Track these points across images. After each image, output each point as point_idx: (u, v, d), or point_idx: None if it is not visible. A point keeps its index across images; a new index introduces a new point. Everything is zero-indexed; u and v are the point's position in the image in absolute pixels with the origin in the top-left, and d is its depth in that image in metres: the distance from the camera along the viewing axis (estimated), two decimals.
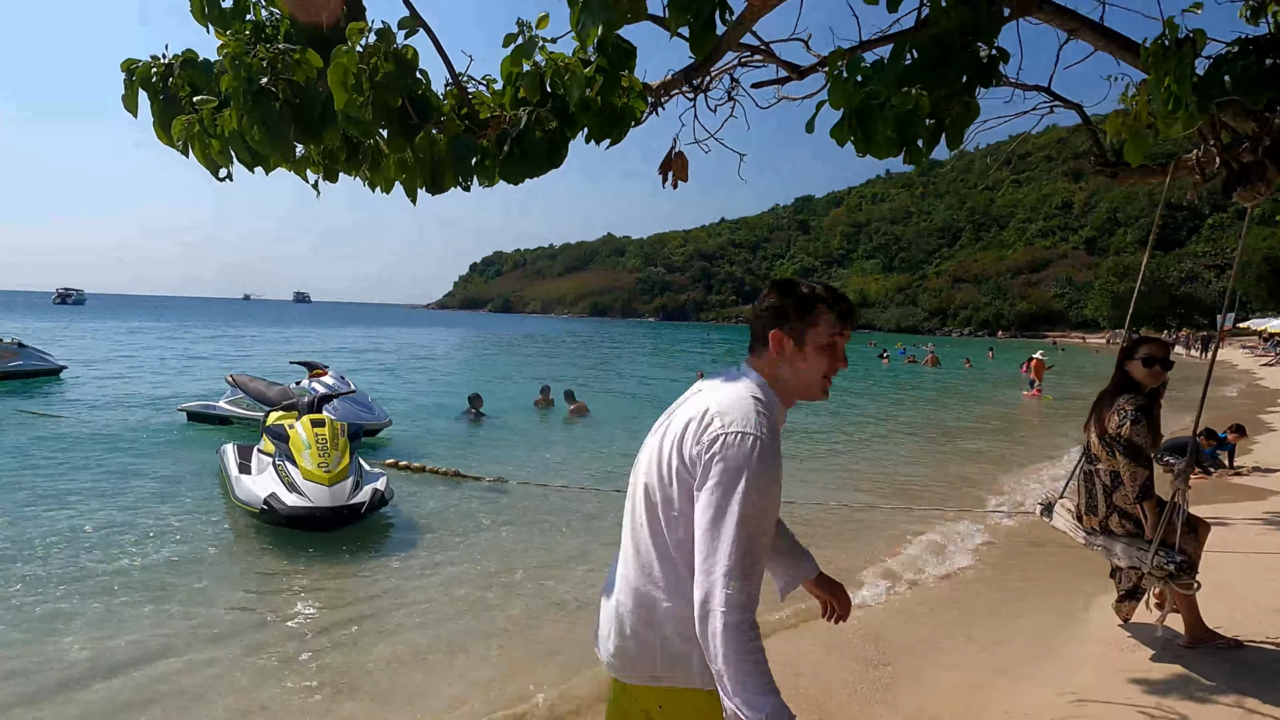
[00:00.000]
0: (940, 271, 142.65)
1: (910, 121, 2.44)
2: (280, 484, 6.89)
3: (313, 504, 6.63)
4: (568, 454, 11.67)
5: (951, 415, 18.18)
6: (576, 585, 6.06)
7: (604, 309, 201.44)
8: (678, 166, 3.10)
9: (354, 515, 6.79)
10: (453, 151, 2.72)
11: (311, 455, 7.02)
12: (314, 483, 6.80)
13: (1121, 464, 4.13)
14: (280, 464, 7.16)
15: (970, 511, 8.49)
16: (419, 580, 6.06)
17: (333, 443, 7.22)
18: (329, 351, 34.57)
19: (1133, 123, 4.43)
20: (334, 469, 6.95)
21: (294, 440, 7.23)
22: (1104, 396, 4.40)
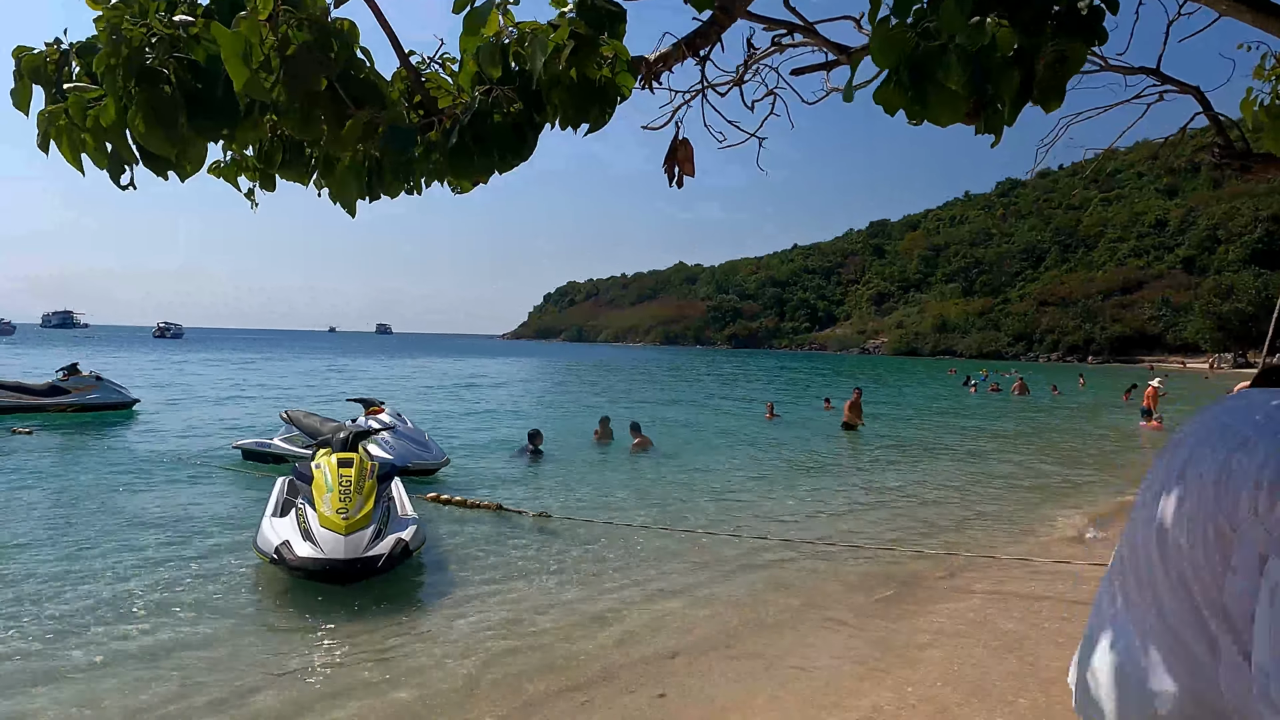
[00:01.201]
0: (1024, 295, 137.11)
1: (986, 67, 1.76)
2: (297, 530, 6.44)
3: (324, 555, 6.13)
4: (625, 490, 11.03)
5: (1061, 452, 16.79)
6: (601, 647, 5.39)
7: (675, 337, 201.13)
8: (683, 158, 2.46)
9: (370, 569, 6.23)
10: (389, 143, 2.14)
11: (332, 499, 6.55)
12: (330, 530, 6.32)
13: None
14: (301, 508, 6.73)
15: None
16: (424, 640, 5.49)
17: (357, 485, 6.73)
18: (394, 380, 35.03)
19: (1274, 102, 3.59)
20: (354, 515, 6.45)
21: (317, 482, 6.79)
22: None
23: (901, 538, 8.54)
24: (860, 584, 6.89)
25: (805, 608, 6.28)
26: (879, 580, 7.00)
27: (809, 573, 7.23)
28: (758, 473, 12.76)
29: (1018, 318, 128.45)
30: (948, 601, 6.41)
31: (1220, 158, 4.21)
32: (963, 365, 78.47)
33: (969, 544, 8.34)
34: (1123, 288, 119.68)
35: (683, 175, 2.51)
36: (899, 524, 9.30)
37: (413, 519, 7.21)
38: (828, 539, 8.32)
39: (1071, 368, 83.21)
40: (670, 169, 2.49)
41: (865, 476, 12.67)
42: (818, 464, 13.85)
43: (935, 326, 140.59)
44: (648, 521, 9.00)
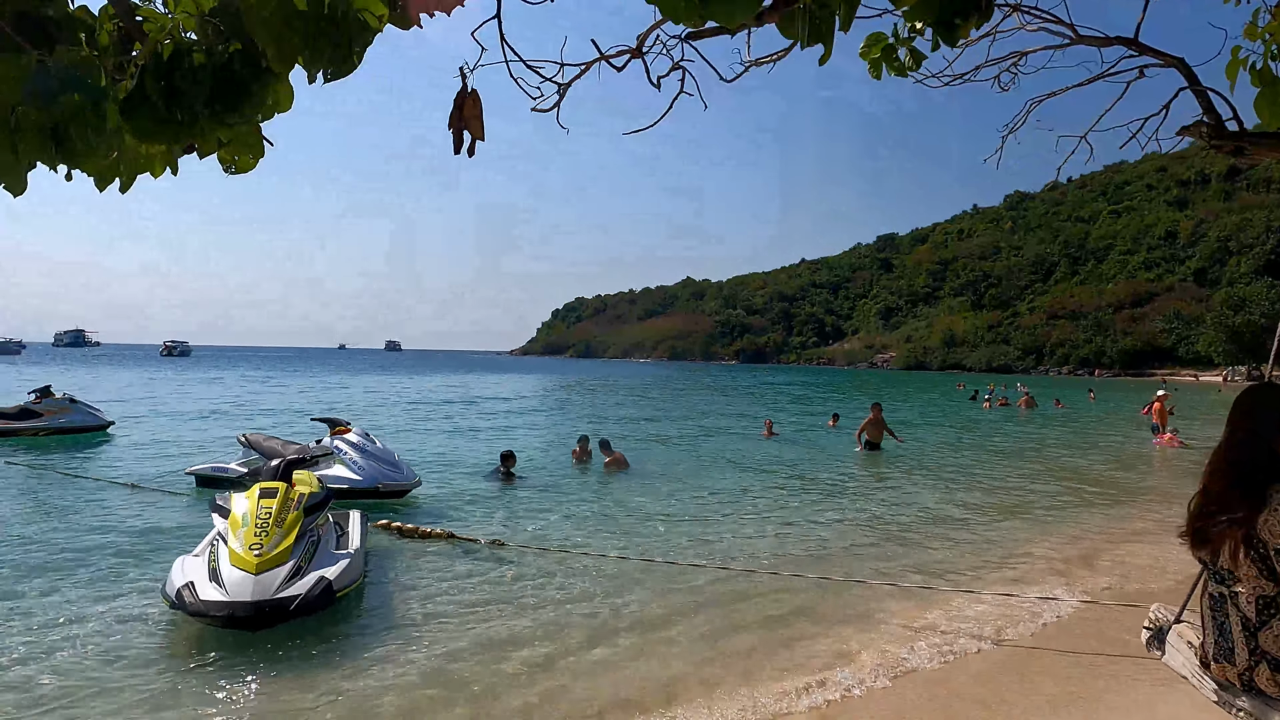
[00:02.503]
0: (1034, 308, 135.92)
1: None
2: (205, 570, 5.82)
3: (228, 599, 5.48)
4: (593, 512, 10.39)
5: (1073, 475, 16.06)
6: (527, 704, 4.76)
7: (683, 352, 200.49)
8: (470, 116, 1.88)
9: (279, 614, 5.56)
10: (29, 91, 1.57)
11: (247, 534, 5.93)
12: (239, 570, 5.68)
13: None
14: (215, 544, 6.13)
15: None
16: (338, 694, 4.86)
17: (278, 518, 6.12)
18: (385, 397, 34.52)
19: (1266, 65, 2.99)
20: (268, 552, 5.82)
21: (233, 515, 6.19)
22: (1236, 478, 2.81)
23: (880, 569, 7.87)
24: (824, 620, 6.23)
25: (759, 652, 5.63)
26: (845, 618, 6.34)
27: (773, 608, 6.58)
28: (741, 495, 12.08)
29: (1027, 331, 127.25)
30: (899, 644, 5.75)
31: (1210, 139, 3.59)
32: (972, 379, 77.55)
33: (949, 576, 7.66)
34: (1133, 300, 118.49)
35: (474, 140, 1.92)
36: (885, 552, 8.62)
37: (346, 554, 6.56)
38: (799, 569, 7.66)
39: (1082, 381, 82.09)
40: (458, 130, 1.91)
41: (855, 501, 11.98)
42: (808, 486, 13.15)
43: (944, 340, 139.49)
44: (610, 549, 8.35)
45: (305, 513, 6.33)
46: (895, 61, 2.29)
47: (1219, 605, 2.86)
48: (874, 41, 2.34)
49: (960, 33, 2.15)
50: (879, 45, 2.31)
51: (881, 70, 2.32)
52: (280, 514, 6.19)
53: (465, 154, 2.01)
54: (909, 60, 2.28)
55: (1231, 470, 2.78)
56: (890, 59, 2.30)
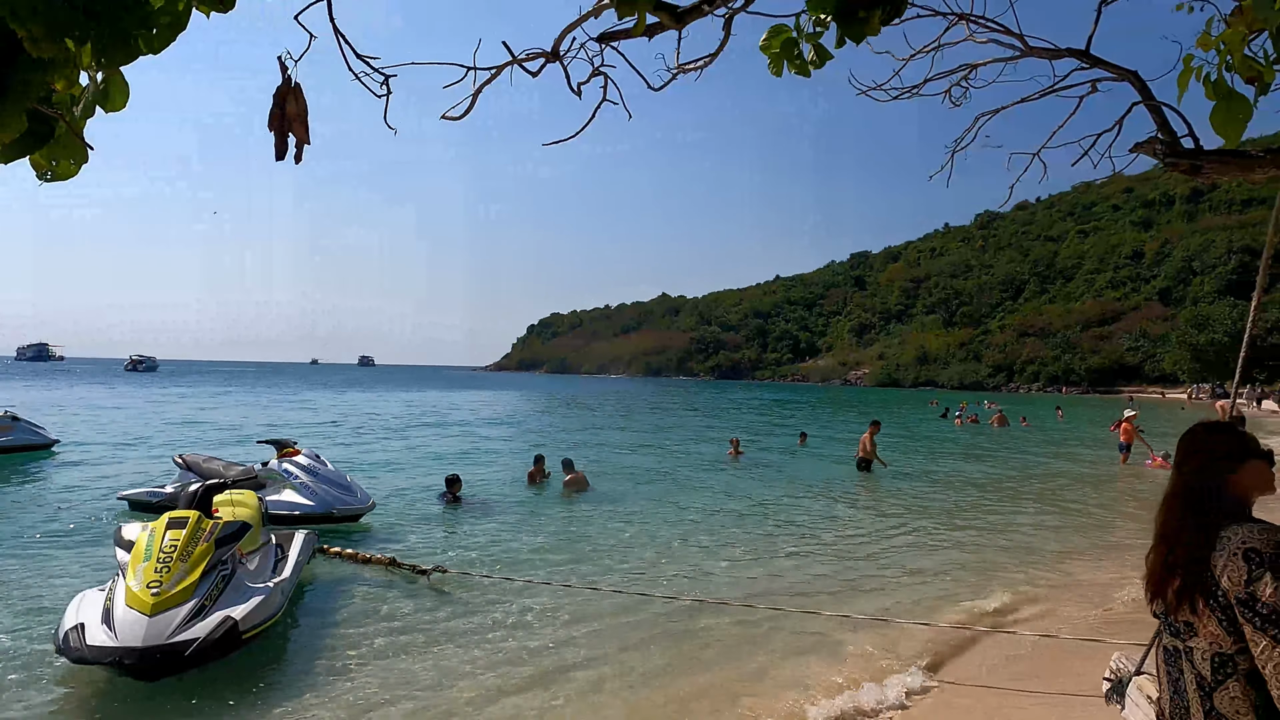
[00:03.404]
0: (1004, 326, 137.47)
1: None
2: (99, 610, 5.36)
3: (116, 644, 5.01)
4: (544, 538, 10.01)
5: (1046, 500, 15.93)
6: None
7: (658, 369, 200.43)
8: (293, 115, 1.57)
9: (174, 660, 5.07)
10: None
11: (146, 570, 5.47)
12: (133, 610, 5.21)
13: (1258, 644, 2.30)
14: (113, 582, 5.68)
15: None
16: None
17: (183, 552, 5.67)
18: (346, 415, 33.79)
19: (1221, 77, 2.76)
20: (168, 590, 5.37)
21: (136, 548, 5.74)
22: (1188, 526, 2.58)
23: (843, 598, 7.58)
24: (785, 653, 5.91)
25: (717, 691, 5.29)
26: (805, 650, 6.02)
27: (731, 640, 6.25)
28: (702, 520, 11.75)
29: (998, 349, 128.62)
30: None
31: (1165, 156, 3.37)
32: (944, 396, 78.03)
33: (902, 610, 7.39)
34: (1101, 319, 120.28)
35: (300, 145, 1.61)
36: (849, 582, 8.34)
37: (263, 588, 6.11)
38: (761, 599, 7.34)
39: (1051, 398, 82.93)
40: (280, 133, 1.59)
41: (819, 526, 11.71)
42: (771, 510, 12.85)
43: (916, 358, 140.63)
44: (558, 576, 7.99)
45: (217, 544, 5.88)
46: (797, 58, 2.02)
47: (1173, 660, 2.63)
48: (774, 34, 2.06)
49: (867, 29, 1.88)
50: (780, 38, 2.04)
51: (781, 67, 2.05)
52: (187, 547, 5.74)
53: (292, 160, 1.70)
54: (813, 57, 2.00)
55: (1183, 513, 2.59)
56: (791, 54, 2.02)
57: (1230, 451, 2.57)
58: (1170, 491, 2.68)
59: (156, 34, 1.47)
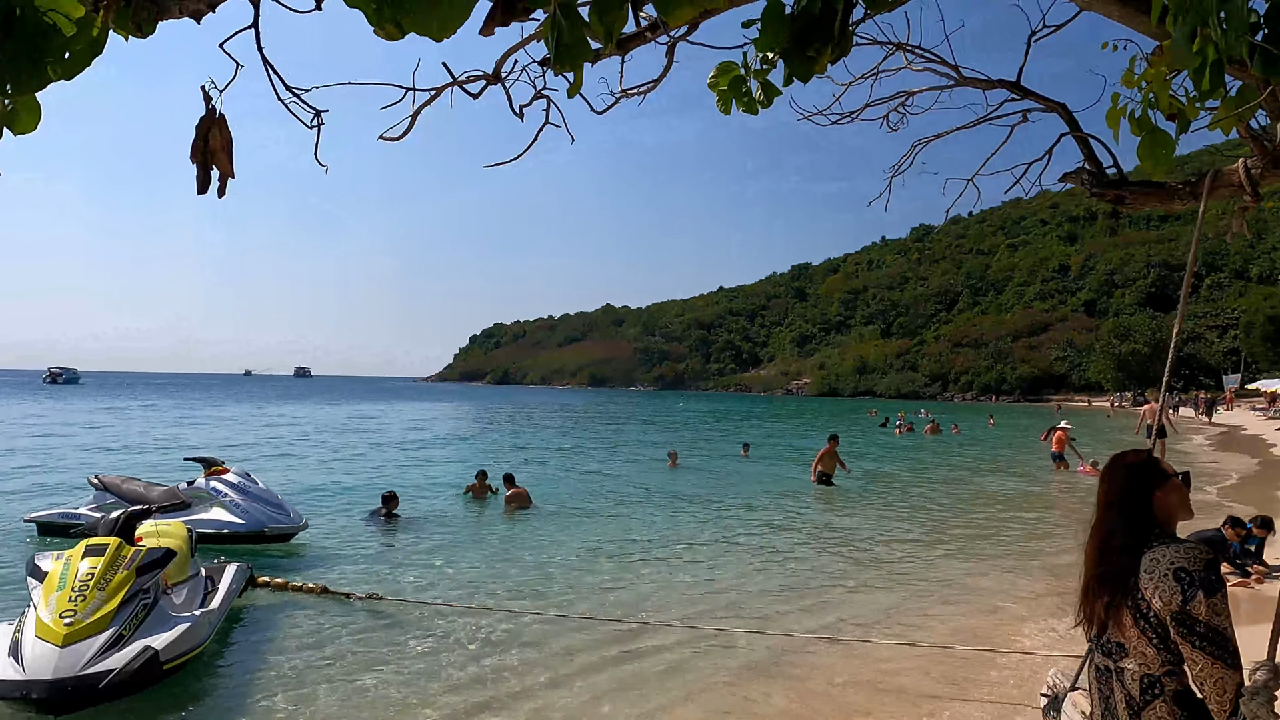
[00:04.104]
0: (939, 336, 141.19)
1: None
2: (7, 642, 5.05)
3: (23, 678, 4.74)
4: (484, 558, 9.83)
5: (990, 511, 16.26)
6: None
7: (603, 379, 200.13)
8: (217, 147, 1.48)
9: (86, 693, 4.80)
10: None
11: (60, 599, 5.18)
12: (44, 641, 4.93)
13: (1198, 663, 2.35)
14: (25, 613, 5.36)
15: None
16: None
17: (100, 580, 5.38)
18: (276, 429, 32.81)
19: (1145, 113, 2.85)
20: (81, 620, 5.08)
21: (50, 577, 5.43)
22: (1114, 550, 2.65)
23: (786, 616, 7.61)
24: (730, 674, 5.89)
25: (662, 716, 5.23)
26: (752, 670, 6.01)
27: (675, 662, 6.20)
28: (645, 535, 11.70)
29: (933, 359, 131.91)
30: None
31: (1091, 186, 3.48)
32: (883, 405, 79.68)
33: (847, 627, 7.46)
34: (1030, 330, 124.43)
35: (224, 179, 1.52)
36: (793, 597, 8.37)
37: (188, 617, 5.83)
38: (694, 619, 7.31)
39: (984, 407, 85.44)
40: (202, 165, 1.50)
41: (761, 538, 11.77)
42: (712, 523, 12.87)
43: (856, 368, 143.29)
44: (499, 599, 7.85)
45: (139, 572, 5.60)
46: (745, 96, 2.00)
47: (1105, 679, 2.71)
48: (723, 71, 2.05)
49: (816, 67, 1.88)
50: (728, 76, 2.02)
51: (730, 105, 2.03)
52: (105, 574, 5.45)
53: (215, 193, 1.61)
54: (760, 95, 1.99)
55: (1109, 537, 2.68)
56: (739, 92, 2.01)
57: (1151, 475, 2.66)
58: (1097, 517, 2.76)
59: (70, 59, 1.38)
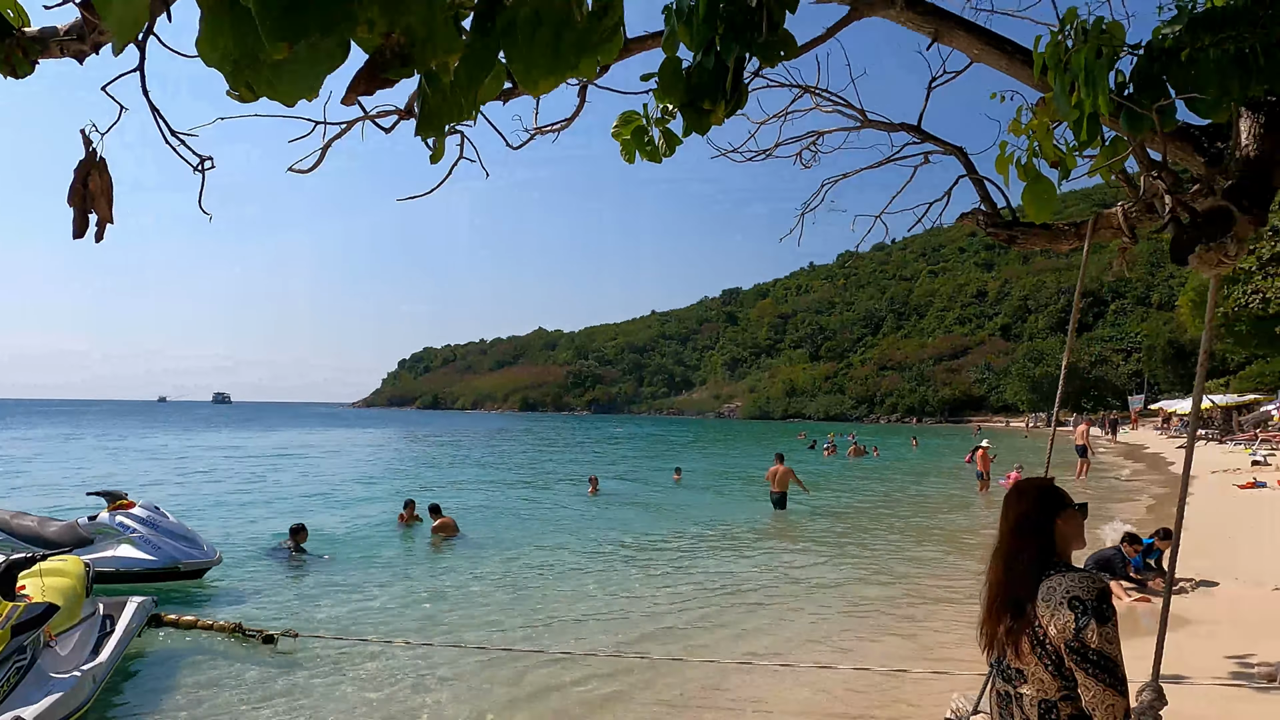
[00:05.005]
0: (865, 359, 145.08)
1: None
2: None
3: None
4: (405, 590, 9.60)
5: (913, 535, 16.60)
6: None
7: (535, 403, 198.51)
8: (98, 191, 1.44)
9: None
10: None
11: None
12: None
13: (1089, 688, 2.46)
14: None
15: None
16: None
17: None
18: (190, 458, 31.47)
19: (1030, 161, 3.03)
20: None
21: None
22: (1016, 576, 2.76)
23: (710, 643, 7.64)
24: (660, 704, 5.87)
25: None
26: (680, 699, 6.01)
27: (601, 695, 6.15)
28: (569, 563, 11.62)
29: (859, 381, 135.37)
30: None
31: (986, 226, 3.67)
32: (812, 428, 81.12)
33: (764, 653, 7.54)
34: (951, 353, 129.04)
35: (101, 223, 1.48)
36: (710, 622, 8.41)
37: (69, 677, 5.42)
38: (618, 648, 7.28)
39: (909, 428, 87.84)
40: (80, 209, 1.46)
41: (684, 565, 11.82)
42: (635, 550, 12.87)
43: (785, 390, 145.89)
44: (419, 632, 7.67)
45: (14, 632, 5.21)
46: (648, 144, 2.06)
47: (1005, 704, 2.79)
48: (625, 122, 2.10)
49: (712, 119, 1.94)
50: (630, 126, 2.08)
51: (634, 153, 2.09)
52: None
53: (93, 238, 1.56)
54: (663, 145, 2.05)
55: (1010, 563, 2.77)
56: (641, 141, 2.06)
57: (1051, 504, 2.78)
58: (998, 543, 2.87)
59: None
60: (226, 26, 0.81)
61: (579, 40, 0.84)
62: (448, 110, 0.91)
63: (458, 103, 0.89)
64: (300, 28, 0.75)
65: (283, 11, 0.74)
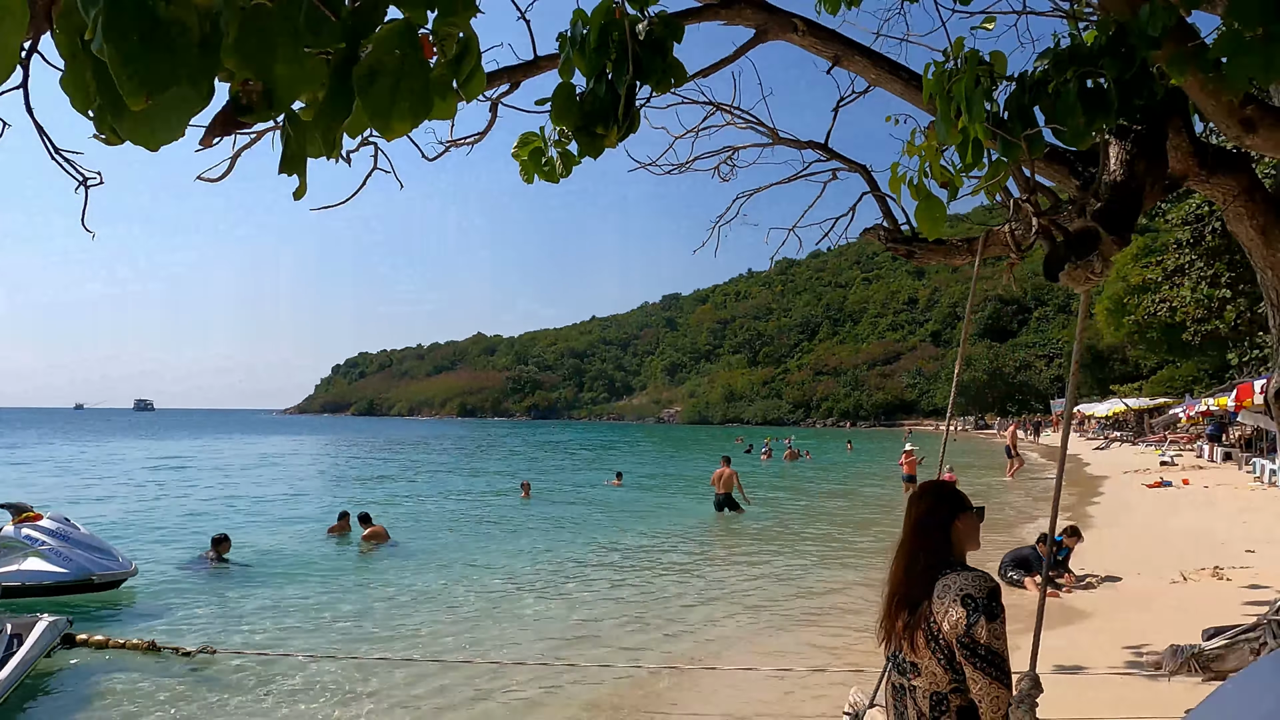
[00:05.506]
0: (802, 365, 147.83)
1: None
2: None
3: None
4: (330, 601, 9.43)
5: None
6: None
7: (474, 409, 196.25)
8: None
9: None
10: None
11: None
12: None
13: (977, 682, 2.61)
14: None
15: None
16: None
17: None
18: (98, 467, 30.23)
19: (921, 181, 3.20)
20: None
21: None
22: (914, 575, 2.91)
23: (637, 652, 7.72)
24: (590, 711, 5.92)
25: None
26: (615, 706, 6.07)
27: (532, 702, 6.17)
28: (499, 570, 11.56)
29: (796, 386, 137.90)
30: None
31: (886, 241, 3.86)
32: (750, 432, 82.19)
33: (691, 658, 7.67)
34: (884, 359, 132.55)
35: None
36: (637, 626, 8.50)
37: None
38: (547, 656, 7.31)
39: (843, 432, 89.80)
40: None
41: (612, 566, 11.90)
42: (567, 558, 12.89)
43: (724, 395, 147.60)
44: (345, 644, 7.56)
45: None
46: (546, 165, 2.14)
47: (900, 696, 2.92)
48: (523, 143, 2.18)
49: (605, 142, 2.03)
50: (528, 148, 2.15)
51: (532, 174, 2.16)
52: None
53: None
54: (560, 166, 2.14)
55: (910, 561, 2.90)
56: (539, 162, 2.14)
57: (950, 506, 2.94)
58: (901, 541, 3.02)
59: None
60: (88, 74, 0.85)
61: (422, 90, 0.91)
62: (310, 149, 0.97)
63: (319, 143, 0.95)
64: (157, 80, 0.79)
65: (139, 65, 0.78)
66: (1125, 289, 37.20)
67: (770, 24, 3.28)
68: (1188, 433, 35.55)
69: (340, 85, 0.90)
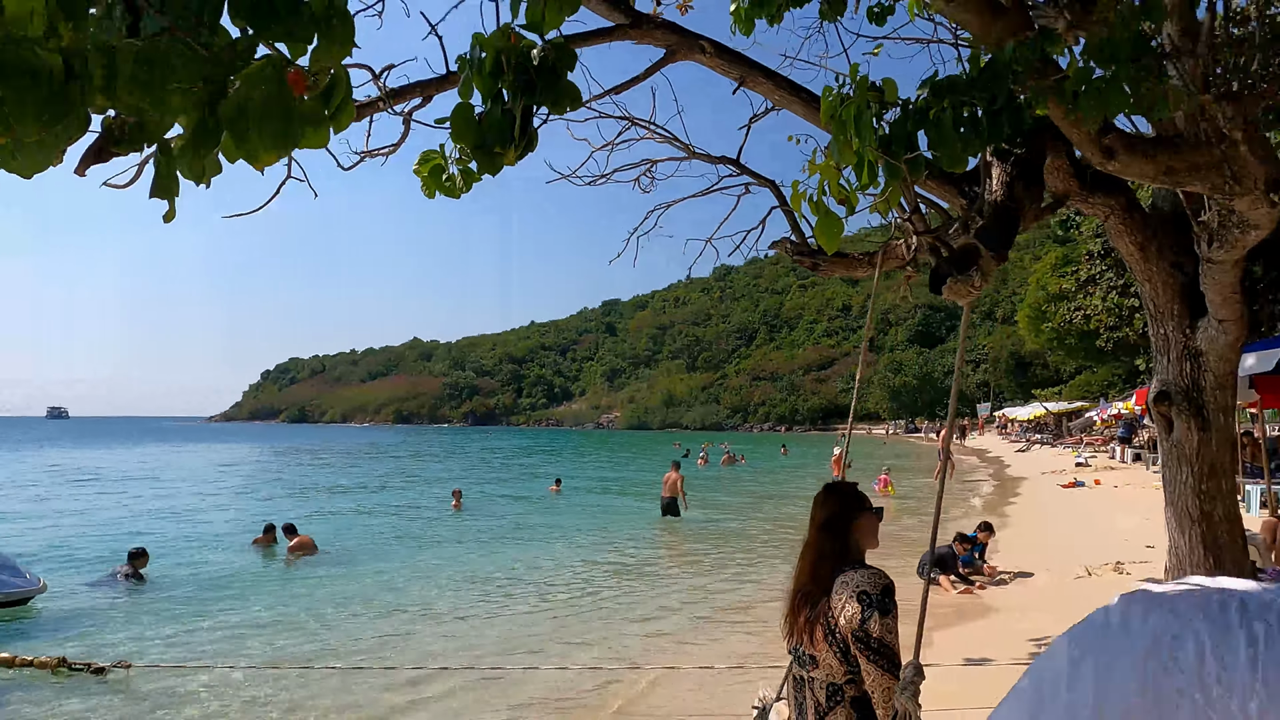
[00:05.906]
0: (740, 370, 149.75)
1: None
2: None
3: None
4: (252, 614, 9.23)
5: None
6: None
7: (409, 415, 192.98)
8: None
9: None
10: None
11: None
12: None
13: (870, 673, 2.76)
14: None
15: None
16: None
17: None
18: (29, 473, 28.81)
19: (821, 198, 3.37)
20: None
21: None
22: (818, 571, 3.06)
23: (567, 653, 7.78)
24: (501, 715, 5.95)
25: None
26: (545, 708, 6.11)
27: (445, 710, 6.16)
28: (430, 577, 11.47)
29: (734, 391, 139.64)
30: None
31: (793, 254, 4.03)
32: (688, 437, 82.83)
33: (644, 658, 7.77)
34: (819, 364, 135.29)
35: None
36: (563, 630, 8.56)
37: None
38: (473, 660, 7.31)
39: (779, 436, 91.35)
40: None
41: (542, 571, 11.92)
42: (499, 566, 12.85)
43: (663, 401, 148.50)
44: (266, 656, 7.43)
45: None
46: (447, 181, 2.21)
47: (800, 688, 3.07)
48: (423, 161, 2.25)
49: (504, 160, 2.11)
50: (428, 165, 2.22)
51: (434, 190, 2.23)
52: None
53: None
54: (460, 182, 2.21)
55: (814, 558, 3.05)
56: (440, 179, 2.21)
57: (852, 506, 3.10)
58: (807, 540, 3.17)
59: None
60: None
61: (285, 124, 0.98)
62: (182, 175, 1.02)
63: (189, 171, 1.00)
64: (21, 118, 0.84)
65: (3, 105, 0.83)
66: (1045, 298, 38.74)
67: (679, 45, 3.41)
68: (1102, 435, 37.21)
69: (208, 118, 0.97)
